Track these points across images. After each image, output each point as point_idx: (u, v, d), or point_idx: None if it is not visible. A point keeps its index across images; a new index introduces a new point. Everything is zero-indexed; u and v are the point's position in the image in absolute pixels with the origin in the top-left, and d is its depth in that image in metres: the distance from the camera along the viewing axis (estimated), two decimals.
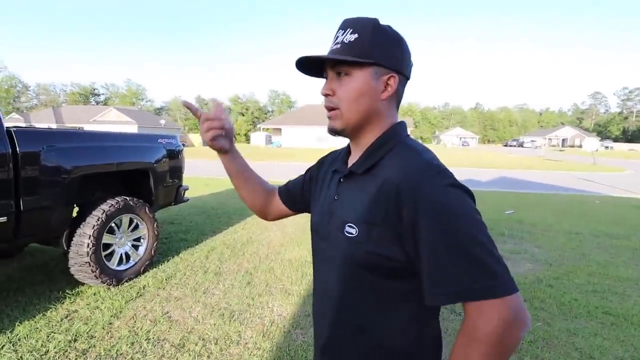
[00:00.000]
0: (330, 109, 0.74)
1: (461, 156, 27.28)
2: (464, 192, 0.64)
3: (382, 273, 0.68)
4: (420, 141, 0.88)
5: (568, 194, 9.32)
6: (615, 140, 75.92)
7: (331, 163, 0.89)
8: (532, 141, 66.60)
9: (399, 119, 0.79)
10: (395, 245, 0.65)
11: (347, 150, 0.84)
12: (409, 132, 0.79)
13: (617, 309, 2.81)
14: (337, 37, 0.73)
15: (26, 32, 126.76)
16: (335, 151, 0.92)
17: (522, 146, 63.50)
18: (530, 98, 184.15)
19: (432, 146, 58.75)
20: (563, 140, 69.35)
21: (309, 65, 0.76)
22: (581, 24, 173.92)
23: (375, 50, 0.70)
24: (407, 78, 0.76)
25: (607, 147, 55.49)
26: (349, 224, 0.70)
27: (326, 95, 0.74)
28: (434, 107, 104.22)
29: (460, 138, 73.32)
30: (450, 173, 0.66)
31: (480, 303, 0.57)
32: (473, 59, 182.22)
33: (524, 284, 3.25)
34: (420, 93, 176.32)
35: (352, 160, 0.80)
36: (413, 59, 0.77)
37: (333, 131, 0.76)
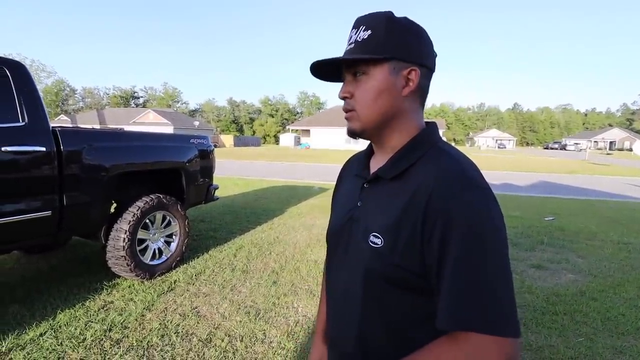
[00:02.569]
0: (347, 110, 0.71)
1: (497, 159, 26.18)
2: (499, 213, 0.60)
3: (405, 287, 0.63)
4: (453, 144, 0.82)
5: (616, 200, 8.66)
6: None
7: (352, 168, 0.85)
8: (576, 144, 62.86)
9: (427, 120, 0.74)
10: (418, 258, 0.61)
11: (367, 152, 0.80)
12: (441, 134, 0.74)
13: None
14: (351, 37, 0.69)
15: (72, 38, 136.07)
16: (354, 156, 0.88)
17: (565, 149, 60.10)
18: (574, 98, 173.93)
19: (464, 148, 56.90)
20: (611, 143, 64.79)
21: (326, 70, 0.73)
22: (630, 18, 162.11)
23: (391, 44, 0.65)
24: (432, 70, 0.71)
25: None
26: (374, 234, 0.65)
27: (344, 98, 0.71)
28: (468, 108, 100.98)
29: (497, 140, 70.39)
30: (489, 187, 0.61)
31: (483, 337, 0.53)
32: (511, 57, 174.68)
33: (564, 296, 3.04)
34: (454, 93, 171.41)
35: (376, 164, 0.74)
36: (445, 56, 0.74)
37: (352, 133, 0.72)
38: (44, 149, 2.46)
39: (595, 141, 65.93)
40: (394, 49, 0.65)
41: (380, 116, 0.68)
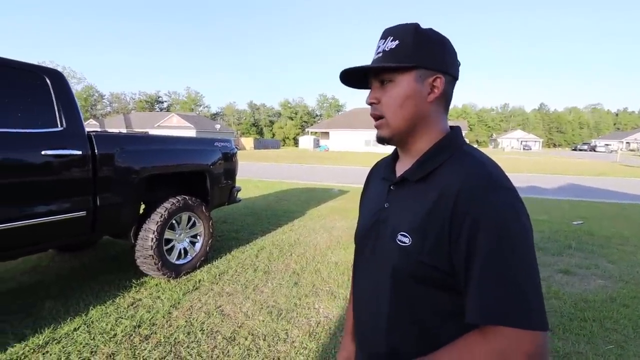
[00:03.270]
0: (376, 117, 0.74)
1: (522, 161, 25.41)
2: (525, 214, 0.62)
3: (432, 284, 0.66)
4: (476, 145, 0.84)
5: None
6: None
7: (378, 173, 0.88)
8: (607, 145, 60.12)
9: (451, 123, 0.77)
10: (446, 256, 0.63)
11: (393, 157, 0.83)
12: (464, 138, 0.76)
13: None
14: (379, 47, 0.73)
15: (101, 45, 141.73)
16: (380, 161, 0.92)
17: (595, 150, 57.50)
18: (604, 98, 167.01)
19: (488, 150, 55.46)
20: None
21: (354, 78, 0.77)
22: None
23: (417, 53, 0.69)
24: (455, 78, 0.74)
25: None
26: (402, 233, 0.68)
27: (371, 104, 0.74)
28: (492, 109, 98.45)
29: (522, 141, 68.28)
30: (514, 187, 0.63)
31: (513, 330, 0.55)
32: (537, 57, 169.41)
33: (593, 302, 2.94)
34: (477, 94, 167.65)
35: (402, 167, 0.77)
36: (467, 57, 0.76)
37: (382, 140, 0.75)
38: (80, 152, 2.60)
39: (627, 142, 62.91)
40: (420, 57, 0.69)
41: (407, 121, 0.72)
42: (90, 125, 43.42)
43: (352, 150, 37.61)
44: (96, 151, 2.70)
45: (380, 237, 0.74)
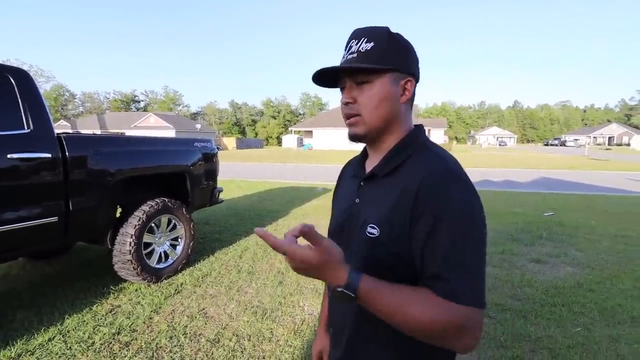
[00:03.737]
0: (350, 116, 0.76)
1: (498, 156, 26.21)
2: (480, 204, 0.68)
3: (399, 273, 0.70)
4: (455, 142, 0.89)
5: (615, 195, 8.70)
6: None
7: (349, 171, 0.92)
8: (576, 140, 62.86)
9: (416, 123, 0.82)
10: (409, 246, 0.68)
11: (363, 155, 0.87)
12: (442, 132, 0.81)
13: None
14: (351, 46, 0.75)
15: (71, 42, 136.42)
16: (351, 160, 0.95)
17: (565, 145, 60.06)
18: (573, 95, 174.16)
19: (466, 146, 56.83)
20: (609, 138, 64.82)
21: (327, 77, 0.78)
22: (628, 14, 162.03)
23: (392, 56, 0.73)
24: (418, 81, 0.80)
25: None
26: (371, 225, 0.72)
27: (347, 103, 0.76)
28: (469, 106, 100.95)
29: (497, 137, 70.45)
30: (470, 180, 0.69)
31: (474, 310, 0.62)
32: (511, 55, 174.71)
33: (562, 288, 3.09)
34: (455, 92, 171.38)
35: (371, 164, 0.81)
36: (445, 55, 0.80)
37: (355, 137, 0.77)
38: (49, 155, 2.51)
39: (594, 137, 65.96)
40: (394, 61, 0.74)
41: (382, 120, 0.75)
42: (61, 127, 41.70)
43: (336, 148, 37.67)
44: (67, 154, 2.61)
45: (352, 231, 0.78)
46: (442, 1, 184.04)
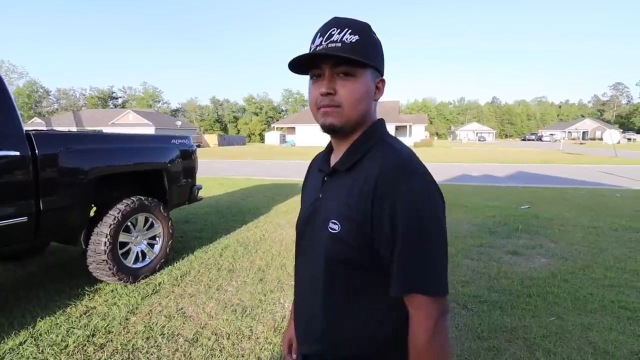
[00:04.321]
0: (329, 106, 0.72)
1: (478, 152, 26.79)
2: (438, 194, 0.70)
3: (361, 266, 0.72)
4: (436, 138, 0.90)
5: (587, 187, 9.05)
6: (639, 132, 73.04)
7: (315, 165, 0.92)
8: (551, 135, 64.96)
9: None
10: (370, 240, 0.69)
11: (328, 149, 0.86)
12: (423, 128, 0.82)
13: (634, 303, 2.73)
14: (332, 34, 0.70)
15: (44, 37, 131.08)
16: (318, 154, 0.95)
17: (541, 140, 61.88)
18: (549, 91, 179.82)
19: (447, 142, 57.82)
20: (583, 133, 67.20)
21: (305, 63, 0.74)
22: (601, 12, 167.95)
23: (373, 53, 0.73)
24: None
25: (629, 139, 53.58)
26: (332, 221, 0.73)
27: (328, 94, 0.72)
28: (450, 103, 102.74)
29: (477, 133, 72.01)
30: (428, 172, 0.70)
31: (426, 298, 0.66)
32: (489, 52, 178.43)
33: (537, 279, 3.19)
34: (436, 88, 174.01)
35: (335, 158, 0.81)
36: (426, 50, 0.82)
37: (331, 127, 0.74)
38: (17, 153, 2.41)
39: (569, 132, 68.23)
40: (375, 59, 0.74)
41: (360, 115, 0.74)
42: (35, 124, 40.16)
43: (319, 144, 37.52)
44: (37, 152, 2.51)
45: (315, 227, 0.79)
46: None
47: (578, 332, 2.36)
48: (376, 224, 0.67)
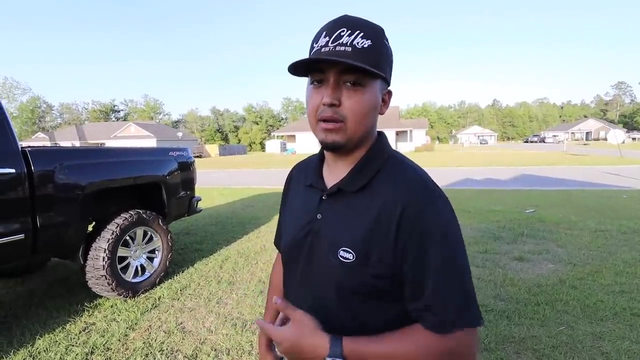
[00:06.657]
0: (331, 120, 0.63)
1: (480, 155, 26.68)
2: (456, 218, 0.67)
3: (377, 297, 0.66)
4: (437, 142, 0.85)
5: (593, 189, 8.92)
6: None
7: (300, 177, 0.83)
8: (554, 136, 64.75)
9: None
10: (392, 268, 0.63)
11: (319, 160, 0.78)
12: (424, 133, 0.78)
13: None
14: (340, 35, 0.61)
15: (47, 53, 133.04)
16: (300, 164, 0.87)
17: (544, 142, 61.68)
18: (550, 92, 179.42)
19: (449, 146, 57.70)
20: (587, 133, 66.96)
21: (306, 66, 0.65)
22: (602, 11, 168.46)
23: (385, 62, 0.64)
24: None
25: (634, 139, 53.29)
26: (344, 249, 0.65)
27: (332, 105, 0.62)
28: (450, 106, 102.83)
29: (478, 136, 71.89)
30: (445, 195, 0.67)
31: (466, 331, 0.62)
32: (489, 55, 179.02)
33: (545, 286, 3.11)
34: (436, 92, 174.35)
35: (332, 174, 0.73)
36: (427, 57, 0.75)
37: (334, 145, 0.65)
38: (13, 170, 2.39)
39: (572, 133, 67.97)
40: (385, 69, 0.65)
41: (365, 131, 0.67)
42: (39, 139, 40.58)
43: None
44: (33, 168, 2.49)
45: (315, 251, 0.71)
46: (421, 2, 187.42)
47: (589, 341, 2.28)
48: (402, 256, 0.62)
